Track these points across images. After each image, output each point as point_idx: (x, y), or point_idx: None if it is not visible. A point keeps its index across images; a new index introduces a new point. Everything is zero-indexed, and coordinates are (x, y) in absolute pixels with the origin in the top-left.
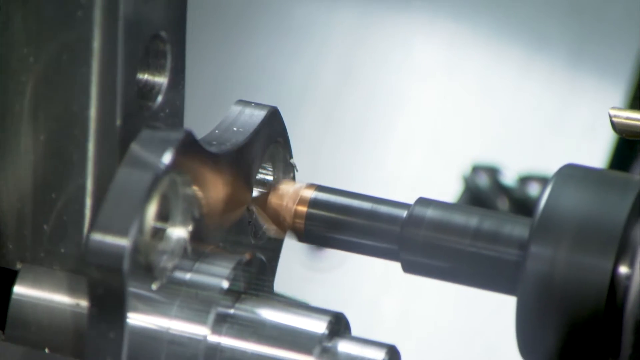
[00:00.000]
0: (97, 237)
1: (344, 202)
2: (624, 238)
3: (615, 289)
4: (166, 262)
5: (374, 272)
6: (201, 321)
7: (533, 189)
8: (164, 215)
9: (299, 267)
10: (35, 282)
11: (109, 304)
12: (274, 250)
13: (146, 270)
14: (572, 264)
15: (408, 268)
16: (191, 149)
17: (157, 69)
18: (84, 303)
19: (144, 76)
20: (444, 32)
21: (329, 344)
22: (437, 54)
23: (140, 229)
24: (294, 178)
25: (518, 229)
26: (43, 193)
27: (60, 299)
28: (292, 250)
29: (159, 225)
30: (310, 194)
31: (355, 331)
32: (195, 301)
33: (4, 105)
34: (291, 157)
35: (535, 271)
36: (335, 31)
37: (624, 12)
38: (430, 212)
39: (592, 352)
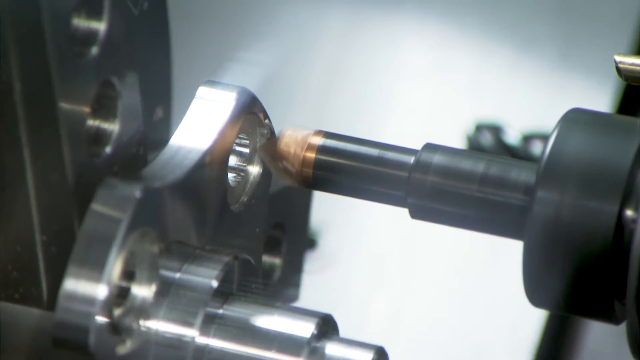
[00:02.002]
0: (62, 311)
1: (351, 149)
2: (630, 182)
3: (621, 232)
4: (132, 321)
5: (363, 273)
6: (189, 322)
7: (536, 148)
8: (129, 272)
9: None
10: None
11: None
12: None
13: (113, 334)
14: (578, 208)
15: (415, 213)
16: (152, 199)
17: (109, 111)
18: None
19: (95, 123)
20: (434, 33)
21: (317, 346)
22: (427, 54)
23: (106, 295)
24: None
25: (524, 174)
26: (9, 245)
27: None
28: None
29: (124, 284)
30: (318, 140)
31: (344, 332)
32: (184, 302)
33: None
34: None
35: (542, 215)
36: (326, 31)
37: (612, 13)
38: (437, 158)
39: (598, 294)
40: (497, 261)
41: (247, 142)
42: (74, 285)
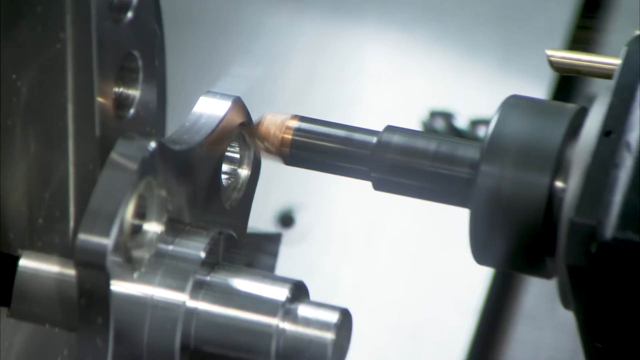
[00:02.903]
0: (83, 237)
1: (323, 131)
2: (560, 157)
3: (552, 200)
4: (143, 254)
5: (332, 246)
6: (181, 288)
7: (481, 132)
8: (141, 213)
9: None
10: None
11: (96, 295)
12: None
13: (126, 262)
14: (516, 179)
15: (377, 186)
16: (163, 154)
17: (131, 83)
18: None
19: (119, 89)
20: (392, 42)
21: (291, 307)
22: (387, 60)
23: (121, 228)
24: None
25: (471, 151)
26: (36, 192)
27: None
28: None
29: (137, 222)
30: (294, 123)
31: (314, 297)
32: (176, 271)
33: (3, 120)
34: None
35: (485, 187)
36: (299, 41)
37: (546, 24)
38: (396, 138)
39: (533, 253)
40: (446, 242)
41: (238, 149)
42: (94, 219)
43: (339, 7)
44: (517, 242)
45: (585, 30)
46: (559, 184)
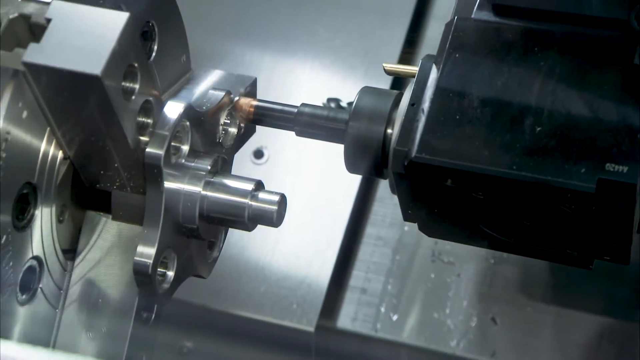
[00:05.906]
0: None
1: (269, 105)
2: (389, 117)
3: (385, 139)
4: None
5: (283, 166)
6: (197, 184)
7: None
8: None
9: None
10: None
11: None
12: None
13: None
14: (367, 129)
15: (298, 134)
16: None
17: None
18: None
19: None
20: (312, 65)
21: (255, 193)
22: (309, 74)
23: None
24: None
25: (345, 115)
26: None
27: None
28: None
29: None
30: (256, 102)
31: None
32: (195, 176)
33: None
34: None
35: (351, 133)
36: (263, 64)
37: (389, 52)
38: (307, 109)
39: (377, 166)
40: (340, 163)
41: (229, 120)
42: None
43: (284, 46)
44: (368, 160)
45: (407, 54)
46: (389, 130)
